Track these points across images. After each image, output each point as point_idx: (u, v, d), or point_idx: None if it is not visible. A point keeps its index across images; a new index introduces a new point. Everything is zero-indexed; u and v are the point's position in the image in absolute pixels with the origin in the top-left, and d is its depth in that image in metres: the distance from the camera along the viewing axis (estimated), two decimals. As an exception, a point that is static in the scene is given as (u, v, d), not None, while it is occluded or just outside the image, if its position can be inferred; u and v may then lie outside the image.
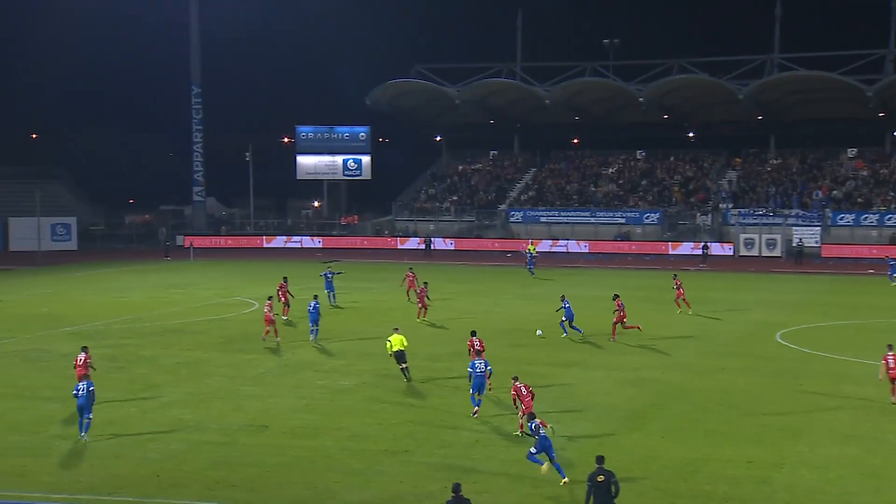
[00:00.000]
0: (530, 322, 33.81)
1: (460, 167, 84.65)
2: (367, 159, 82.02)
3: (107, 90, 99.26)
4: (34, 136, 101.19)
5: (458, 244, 71.93)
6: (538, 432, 17.43)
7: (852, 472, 18.22)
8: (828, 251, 64.11)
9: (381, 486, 17.43)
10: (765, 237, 65.45)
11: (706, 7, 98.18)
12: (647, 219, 71.44)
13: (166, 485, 17.43)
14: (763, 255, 64.71)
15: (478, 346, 24.65)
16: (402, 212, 79.84)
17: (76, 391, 20.48)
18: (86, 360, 23.01)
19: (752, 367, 27.74)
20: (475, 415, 21.81)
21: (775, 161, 76.02)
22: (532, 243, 58.99)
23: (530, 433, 18.01)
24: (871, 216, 66.34)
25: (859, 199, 68.78)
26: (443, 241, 71.57)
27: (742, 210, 69.04)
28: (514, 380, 20.58)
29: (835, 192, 70.25)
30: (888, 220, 65.73)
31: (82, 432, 20.21)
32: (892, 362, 22.82)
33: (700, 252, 63.29)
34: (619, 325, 31.87)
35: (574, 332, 32.19)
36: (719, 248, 65.79)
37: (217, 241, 75.24)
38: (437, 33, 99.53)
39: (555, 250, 68.35)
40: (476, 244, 71.94)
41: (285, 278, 38.11)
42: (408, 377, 25.59)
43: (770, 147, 77.46)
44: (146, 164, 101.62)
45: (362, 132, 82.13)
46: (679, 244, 67.59)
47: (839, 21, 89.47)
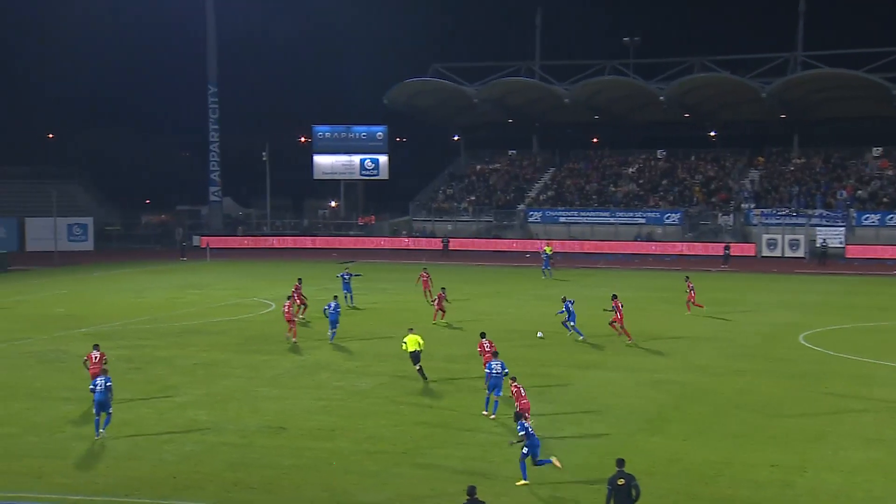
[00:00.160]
0: (548, 323, 33.51)
1: (478, 167, 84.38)
2: (384, 159, 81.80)
3: (124, 90, 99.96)
4: (50, 136, 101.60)
5: (473, 245, 71.44)
6: (528, 430, 17.41)
7: (878, 476, 17.93)
8: (852, 252, 63.41)
9: (398, 488, 17.34)
10: (788, 238, 64.84)
11: (728, 4, 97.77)
12: (667, 219, 70.91)
13: (182, 486, 17.40)
14: (786, 255, 64.13)
15: (488, 348, 24.52)
16: (419, 212, 79.68)
17: (93, 386, 20.44)
18: (101, 357, 23.01)
19: (775, 369, 27.43)
20: (492, 416, 21.72)
21: (799, 160, 75.25)
22: (548, 244, 58.68)
23: (520, 434, 17.80)
24: (897, 216, 65.62)
25: (885, 199, 67.95)
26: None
27: (765, 210, 68.37)
28: (512, 380, 20.71)
29: (859, 191, 69.45)
30: (914, 220, 65.00)
31: (101, 429, 20.14)
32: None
33: (722, 252, 62.68)
34: (619, 325, 31.73)
35: (574, 333, 31.98)
36: (739, 248, 65.14)
37: (233, 242, 75.19)
38: (455, 32, 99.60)
39: (575, 251, 67.94)
40: (487, 245, 71.31)
41: (300, 280, 38.07)
42: (425, 377, 25.46)
43: (793, 146, 76.65)
44: (162, 164, 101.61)
45: (380, 132, 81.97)
46: (701, 244, 66.97)
47: (864, 18, 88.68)
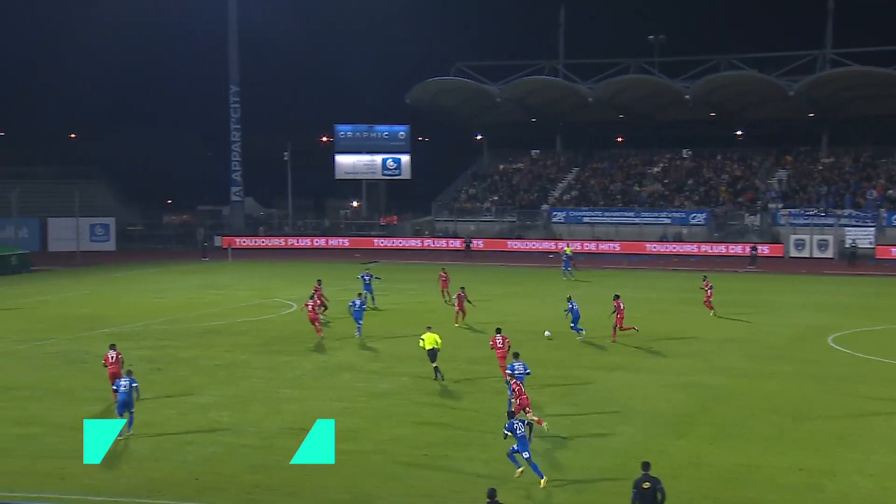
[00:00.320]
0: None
1: (501, 166, 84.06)
2: (406, 158, 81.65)
3: (145, 90, 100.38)
4: (73, 137, 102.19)
5: (495, 245, 71.12)
6: (517, 431, 17.31)
7: (910, 481, 17.58)
8: (882, 252, 62.47)
9: (420, 490, 17.23)
10: (816, 238, 64.05)
11: (755, 1, 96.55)
12: (693, 219, 70.20)
13: (204, 488, 17.40)
14: (814, 256, 63.36)
15: (500, 344, 24.38)
16: (441, 212, 79.48)
17: (116, 387, 20.46)
18: (117, 357, 23.09)
19: (803, 372, 27.05)
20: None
21: (827, 160, 74.27)
22: (569, 245, 58.23)
23: (508, 432, 17.65)
24: (928, 216, 64.67)
25: (916, 199, 67.04)
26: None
27: (792, 210, 67.53)
28: (510, 376, 20.69)
29: (890, 191, 68.39)
30: (946, 220, 64.03)
31: (128, 430, 20.17)
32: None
33: (748, 253, 61.97)
34: (619, 326, 31.50)
35: (575, 332, 31.74)
36: (766, 249, 64.41)
37: (255, 242, 75.27)
38: (477, 30, 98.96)
39: (599, 250, 67.46)
40: (511, 245, 71.00)
41: (319, 281, 38.02)
42: (439, 376, 25.37)
43: (822, 145, 75.64)
44: (184, 164, 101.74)
45: (402, 131, 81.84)
46: (729, 244, 66.21)
47: (894, 14, 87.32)
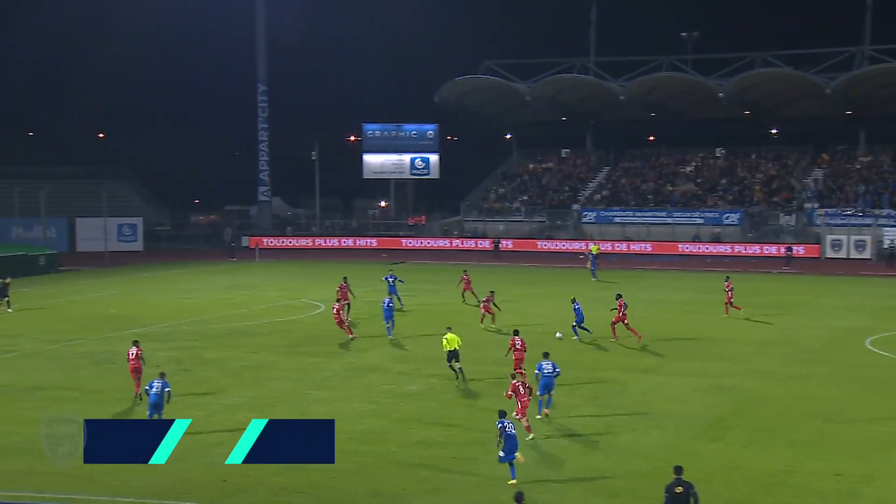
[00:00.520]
0: (601, 326, 32.77)
1: (531, 166, 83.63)
2: (434, 158, 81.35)
3: (173, 89, 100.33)
4: (101, 136, 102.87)
5: (525, 245, 70.67)
6: (505, 432, 17.16)
7: (951, 487, 17.17)
8: (922, 253, 61.31)
9: (449, 494, 17.10)
10: (853, 238, 62.99)
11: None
12: (727, 219, 69.23)
13: (232, 490, 17.37)
14: (851, 257, 62.32)
15: (519, 345, 24.26)
16: (470, 212, 79.14)
17: (149, 387, 20.44)
18: (137, 353, 23.12)
19: (840, 375, 26.57)
20: (546, 412, 21.65)
21: (865, 158, 73.00)
22: (595, 244, 57.74)
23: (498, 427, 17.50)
24: (969, 216, 63.36)
25: (956, 199, 65.70)
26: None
27: (828, 210, 66.44)
28: (511, 377, 20.56)
29: (929, 190, 67.28)
30: None
31: None
32: None
33: (784, 254, 61.03)
34: (622, 325, 31.27)
35: (583, 332, 31.60)
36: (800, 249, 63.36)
37: (282, 242, 75.16)
38: (507, 28, 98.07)
39: (630, 250, 66.90)
40: (536, 245, 70.53)
41: (345, 278, 37.93)
42: (461, 377, 25.34)
43: (859, 144, 74.39)
44: (211, 164, 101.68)
45: (430, 130, 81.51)
46: (764, 245, 65.25)
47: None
